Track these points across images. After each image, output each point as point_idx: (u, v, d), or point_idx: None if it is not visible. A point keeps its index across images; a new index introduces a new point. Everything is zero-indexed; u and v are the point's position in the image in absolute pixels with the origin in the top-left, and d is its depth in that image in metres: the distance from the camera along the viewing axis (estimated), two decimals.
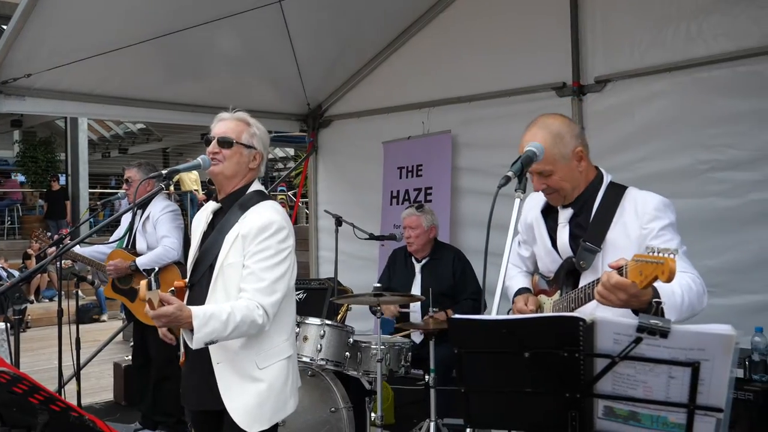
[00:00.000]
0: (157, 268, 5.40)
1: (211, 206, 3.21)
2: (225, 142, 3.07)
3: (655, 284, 2.21)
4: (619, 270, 2.26)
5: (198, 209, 3.95)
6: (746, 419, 3.92)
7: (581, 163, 2.80)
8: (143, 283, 2.76)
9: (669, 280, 2.05)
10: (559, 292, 2.81)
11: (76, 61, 5.54)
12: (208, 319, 2.76)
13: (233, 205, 3.10)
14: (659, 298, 2.31)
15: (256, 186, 3.18)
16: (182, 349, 3.15)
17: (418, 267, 5.61)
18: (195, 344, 2.79)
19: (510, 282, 3.16)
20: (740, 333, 1.85)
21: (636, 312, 2.31)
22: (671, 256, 2.04)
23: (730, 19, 4.89)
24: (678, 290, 2.39)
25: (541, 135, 2.75)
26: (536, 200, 2.99)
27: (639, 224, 2.66)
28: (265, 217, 2.99)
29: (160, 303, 2.72)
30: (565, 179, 2.77)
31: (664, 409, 1.96)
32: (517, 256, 3.19)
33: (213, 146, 3.08)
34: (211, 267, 3.03)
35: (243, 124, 3.14)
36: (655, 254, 2.07)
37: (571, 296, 2.69)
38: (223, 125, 3.13)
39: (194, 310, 2.77)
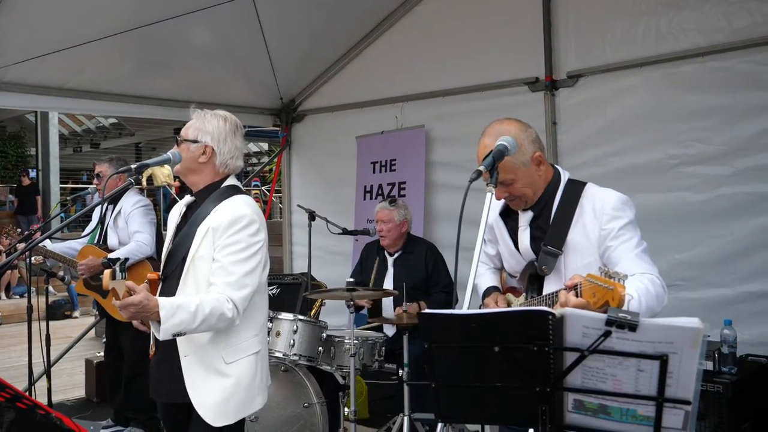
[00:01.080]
0: (123, 258, 5.31)
1: (185, 200, 3.21)
2: (177, 141, 3.10)
3: None
4: (575, 288, 2.27)
5: (171, 203, 3.91)
6: (715, 411, 3.96)
7: (540, 167, 2.78)
8: (107, 272, 2.71)
9: (619, 306, 2.07)
10: (524, 295, 2.81)
11: (47, 54, 5.48)
12: (175, 310, 2.75)
13: (207, 198, 3.09)
14: None
15: (231, 181, 3.17)
16: (152, 342, 3.13)
17: (390, 261, 5.61)
18: (162, 335, 2.78)
19: (478, 280, 3.14)
20: (709, 326, 1.86)
21: None
22: (621, 282, 2.08)
23: (701, 15, 4.93)
24: (635, 294, 2.38)
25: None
26: (495, 202, 2.97)
27: (598, 225, 2.66)
28: (236, 210, 2.98)
29: (127, 293, 2.69)
30: (526, 186, 2.76)
31: (633, 402, 1.97)
32: (484, 254, 3.18)
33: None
34: (184, 260, 3.02)
35: (192, 120, 3.14)
36: (608, 278, 2.09)
37: (534, 304, 2.69)
38: None
39: (161, 301, 2.76)
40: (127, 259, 2.82)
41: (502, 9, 6.03)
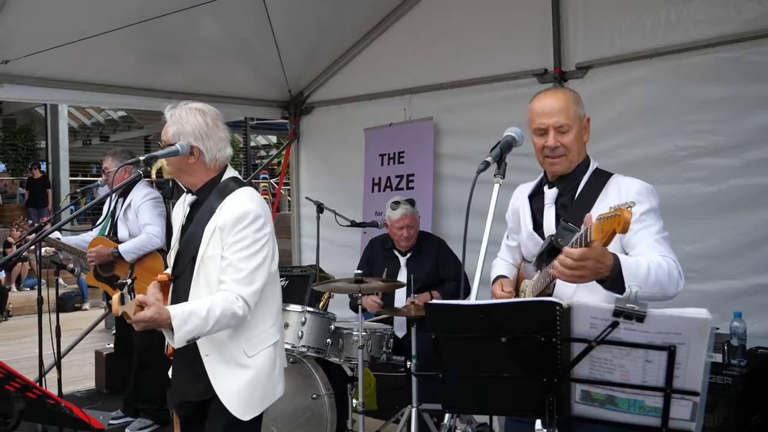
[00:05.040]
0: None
1: (188, 199, 3.16)
2: (161, 147, 3.04)
3: (620, 255, 2.33)
4: (585, 232, 2.26)
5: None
6: (724, 404, 3.95)
7: (585, 135, 2.81)
8: (116, 297, 2.76)
9: (624, 230, 2.05)
10: (539, 271, 2.81)
11: (56, 47, 5.49)
12: (187, 317, 2.75)
13: (209, 195, 3.05)
14: (620, 266, 2.32)
15: (230, 173, 3.12)
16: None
17: (403, 261, 5.49)
18: (177, 343, 2.77)
19: (492, 271, 3.16)
20: (718, 317, 1.86)
21: (601, 282, 2.35)
22: (627, 207, 2.05)
23: (710, 6, 4.90)
24: (644, 263, 2.39)
25: (561, 94, 2.79)
26: (524, 188, 3.00)
27: None
28: (241, 207, 2.95)
29: (138, 308, 2.67)
30: (576, 141, 2.75)
31: (641, 393, 1.97)
32: (505, 248, 3.19)
33: None
34: (193, 260, 3.02)
35: (168, 123, 3.04)
36: (614, 209, 2.10)
37: (547, 270, 2.69)
38: None
39: (172, 310, 2.74)
40: (134, 281, 2.82)
41: (511, 0, 6.01)
